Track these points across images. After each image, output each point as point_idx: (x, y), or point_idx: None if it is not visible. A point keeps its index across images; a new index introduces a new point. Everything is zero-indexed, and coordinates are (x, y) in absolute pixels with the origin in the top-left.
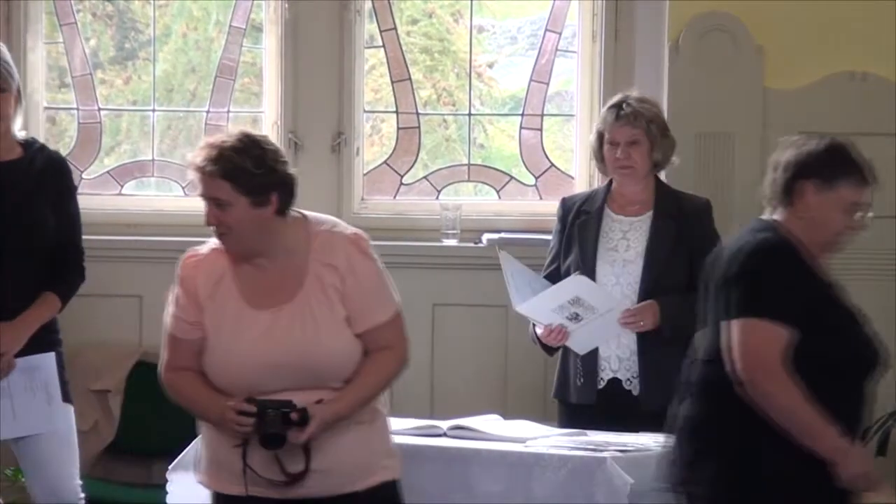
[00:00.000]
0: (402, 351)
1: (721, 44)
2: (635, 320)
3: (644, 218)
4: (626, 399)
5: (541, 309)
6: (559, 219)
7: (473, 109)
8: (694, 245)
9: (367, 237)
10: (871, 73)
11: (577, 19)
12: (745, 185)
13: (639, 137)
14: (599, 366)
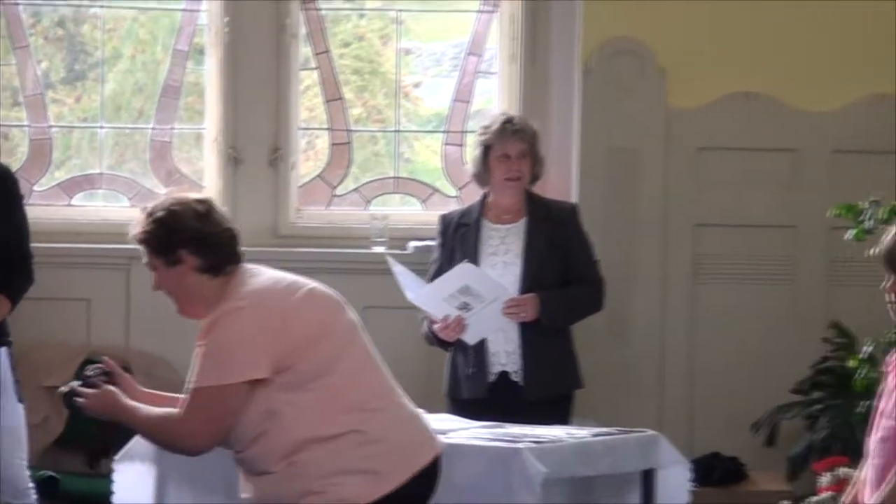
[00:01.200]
0: (183, 426)
1: (628, 66)
2: (517, 311)
3: (519, 224)
4: (512, 390)
5: (432, 299)
6: (440, 233)
7: (401, 126)
8: (565, 246)
9: (235, 313)
10: (762, 93)
11: (496, 43)
12: (651, 197)
13: (526, 151)
14: (489, 361)
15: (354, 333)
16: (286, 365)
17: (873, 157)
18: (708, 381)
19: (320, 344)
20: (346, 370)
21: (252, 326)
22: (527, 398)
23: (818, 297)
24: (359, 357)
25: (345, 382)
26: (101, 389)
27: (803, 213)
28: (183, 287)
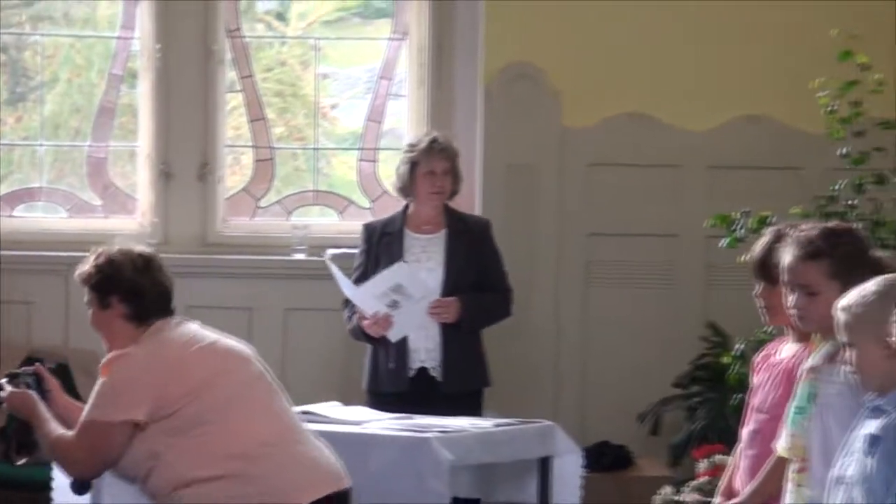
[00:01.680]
0: (70, 452)
1: (526, 89)
2: (441, 311)
3: (439, 235)
4: (431, 385)
5: (366, 296)
6: (364, 240)
7: (319, 144)
8: (480, 257)
9: (128, 357)
10: (647, 114)
11: (406, 68)
12: (547, 209)
13: (449, 169)
14: (410, 357)
15: (253, 385)
16: (167, 412)
17: (745, 172)
18: (599, 377)
19: (206, 394)
20: (234, 419)
21: (139, 372)
22: (444, 392)
23: (696, 300)
24: (252, 407)
25: (230, 430)
26: (22, 391)
27: (683, 223)
28: (110, 329)
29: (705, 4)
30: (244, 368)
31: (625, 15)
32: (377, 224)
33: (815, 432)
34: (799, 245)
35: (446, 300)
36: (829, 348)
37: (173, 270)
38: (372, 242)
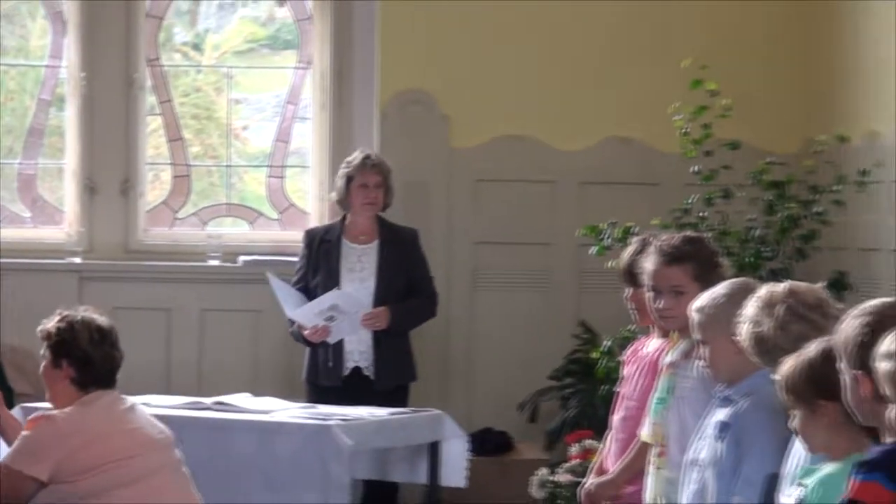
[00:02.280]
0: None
1: (417, 113)
2: (372, 322)
3: (372, 245)
4: (364, 382)
5: (307, 315)
6: (305, 245)
7: (231, 162)
8: (409, 264)
9: (52, 419)
10: (526, 135)
11: (310, 93)
12: (437, 221)
13: (381, 183)
14: (345, 357)
15: (159, 472)
16: (68, 478)
17: (612, 187)
18: (483, 370)
19: (110, 472)
20: (129, 499)
21: (53, 436)
22: (376, 389)
23: (569, 301)
24: (148, 493)
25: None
26: None
27: (558, 233)
28: (54, 386)
29: (579, 39)
30: (156, 456)
31: (507, 46)
32: (317, 231)
33: (672, 421)
34: (663, 252)
35: (377, 311)
36: (685, 346)
37: (99, 275)
38: (312, 248)
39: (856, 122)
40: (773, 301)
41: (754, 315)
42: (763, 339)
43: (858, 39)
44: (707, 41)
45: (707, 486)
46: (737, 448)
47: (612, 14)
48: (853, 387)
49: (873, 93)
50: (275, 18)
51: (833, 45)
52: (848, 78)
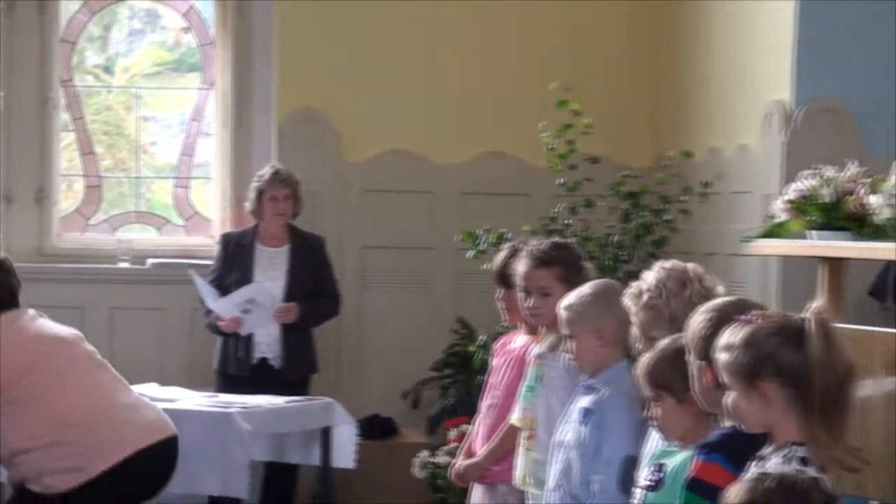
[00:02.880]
0: None
1: (312, 129)
2: (284, 315)
3: (283, 249)
4: (270, 372)
5: (226, 306)
6: (222, 248)
7: (140, 174)
8: (316, 268)
9: None
10: (409, 150)
11: (213, 112)
12: (329, 227)
13: (290, 195)
14: (254, 348)
15: (76, 363)
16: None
17: (487, 197)
18: (371, 362)
19: (31, 376)
20: (59, 394)
21: None
22: (282, 379)
23: (448, 300)
24: (75, 382)
25: (55, 404)
26: None
27: (438, 238)
28: None
29: (458, 64)
30: (69, 351)
31: (394, 69)
32: (233, 235)
33: (541, 407)
34: (533, 256)
35: (288, 305)
36: (552, 340)
37: None
38: (228, 250)
39: (699, 139)
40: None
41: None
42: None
43: (698, 65)
44: (571, 66)
45: (571, 466)
46: (598, 432)
47: (487, 40)
48: (699, 376)
49: (713, 113)
50: (180, 43)
51: (678, 71)
52: (692, 100)
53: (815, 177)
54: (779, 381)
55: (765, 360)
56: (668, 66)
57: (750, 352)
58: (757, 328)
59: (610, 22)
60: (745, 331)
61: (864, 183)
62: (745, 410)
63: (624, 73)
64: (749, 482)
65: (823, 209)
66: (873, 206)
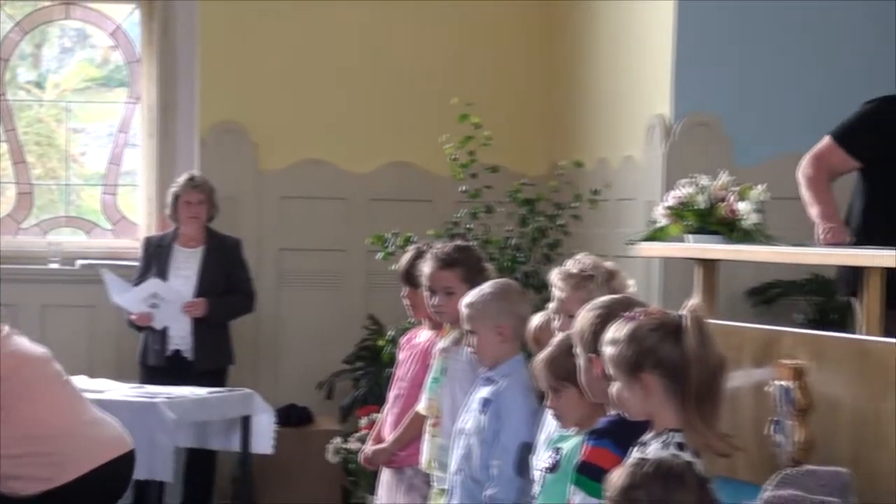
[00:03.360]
0: None
1: (231, 141)
2: (192, 310)
3: (198, 250)
4: (184, 363)
5: (130, 301)
6: (144, 250)
7: (70, 181)
8: (230, 268)
9: None
10: (323, 159)
11: (139, 124)
12: (249, 231)
13: (204, 200)
14: (168, 341)
15: (47, 381)
16: None
17: (395, 203)
18: (288, 356)
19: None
20: (28, 408)
21: None
22: (194, 370)
23: (360, 298)
24: (44, 398)
25: (24, 417)
26: None
27: (350, 241)
28: None
29: (368, 80)
30: (41, 367)
31: (308, 84)
32: (154, 238)
33: (445, 397)
34: (438, 258)
35: (196, 301)
36: (455, 335)
37: None
38: (149, 252)
39: (589, 151)
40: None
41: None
42: None
43: (588, 83)
44: (472, 82)
45: (472, 452)
46: (496, 420)
47: (395, 57)
48: (587, 368)
49: (601, 126)
50: (108, 61)
51: (570, 88)
52: (582, 114)
53: (691, 185)
54: (658, 372)
55: (646, 354)
56: (561, 83)
57: (633, 346)
58: (639, 324)
59: (508, 42)
60: (628, 327)
61: (733, 191)
62: (628, 400)
63: (520, 88)
64: (630, 467)
65: (698, 215)
66: (742, 212)
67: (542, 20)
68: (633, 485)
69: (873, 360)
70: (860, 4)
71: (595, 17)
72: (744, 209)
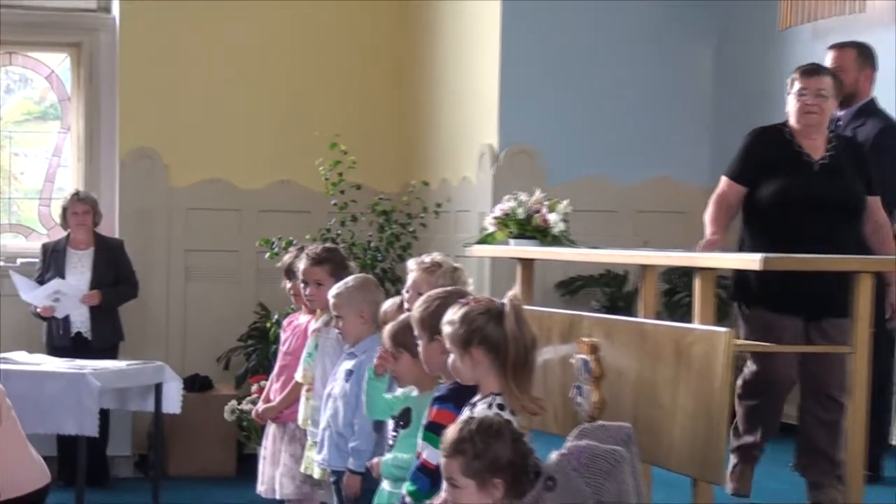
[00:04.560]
0: None
1: (146, 163)
2: (89, 300)
3: (89, 251)
4: (84, 342)
5: (37, 297)
6: (43, 254)
7: (12, 195)
8: (117, 263)
9: None
10: (222, 178)
11: (70, 150)
12: (160, 235)
13: (89, 210)
14: (70, 325)
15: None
16: None
17: (279, 213)
18: (194, 335)
19: None
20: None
21: None
22: (93, 347)
23: (252, 289)
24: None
25: None
26: None
27: (244, 243)
28: None
29: (257, 112)
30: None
31: (210, 116)
32: (50, 244)
33: (317, 368)
34: (310, 257)
35: (91, 293)
36: (325, 318)
37: None
38: (46, 255)
39: (434, 172)
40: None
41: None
42: None
43: (433, 117)
44: (343, 116)
45: (338, 412)
46: (358, 387)
47: (281, 95)
48: (426, 346)
49: (444, 153)
50: (45, 98)
51: (419, 121)
52: (428, 142)
53: (513, 200)
54: (484, 348)
55: (475, 333)
56: (411, 117)
57: (465, 326)
58: (470, 309)
59: (370, 84)
60: (462, 311)
61: (545, 205)
62: (461, 369)
63: (379, 122)
64: (459, 423)
65: (518, 224)
66: (552, 222)
67: (396, 66)
68: (462, 438)
69: (650, 339)
70: (652, 61)
71: (437, 64)
72: (553, 219)
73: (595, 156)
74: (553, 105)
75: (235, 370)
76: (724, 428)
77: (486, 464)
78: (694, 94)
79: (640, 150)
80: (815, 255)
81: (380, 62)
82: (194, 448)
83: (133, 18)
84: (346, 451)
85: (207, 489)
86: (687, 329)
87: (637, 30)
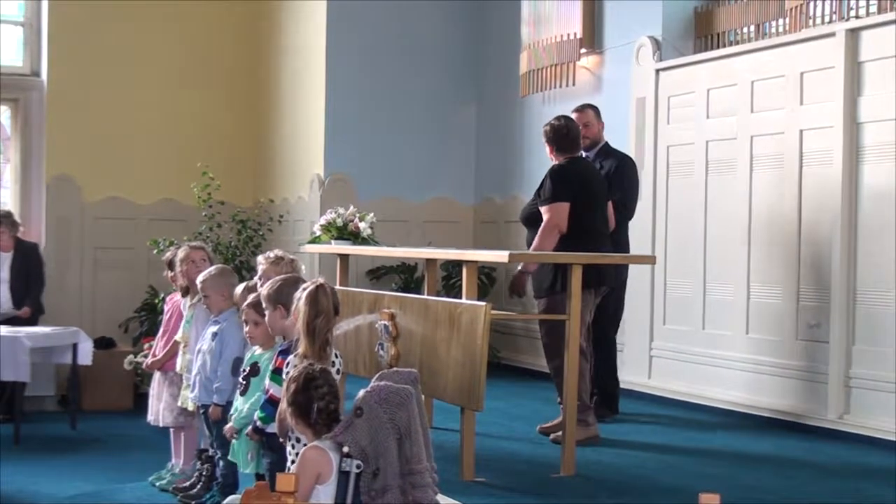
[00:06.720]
0: None
1: (64, 186)
2: (25, 314)
3: (9, 254)
4: (14, 319)
5: None
6: None
7: None
8: (31, 263)
9: None
10: (122, 196)
11: (9, 176)
12: (76, 237)
13: (5, 231)
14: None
15: None
16: None
17: (164, 222)
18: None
19: None
20: None
21: None
22: (21, 322)
23: (144, 276)
24: None
25: None
26: None
27: (138, 243)
28: None
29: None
30: None
31: (112, 148)
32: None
33: (192, 331)
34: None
35: (25, 310)
36: (199, 296)
37: None
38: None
39: (278, 192)
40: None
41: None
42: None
43: (279, 150)
44: (212, 147)
45: (207, 363)
46: (220, 345)
47: (166, 133)
48: (271, 315)
49: (286, 177)
50: None
51: (268, 154)
52: (275, 169)
53: (333, 213)
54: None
55: (288, 297)
56: (263, 150)
57: (282, 292)
58: (286, 281)
59: (231, 123)
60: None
61: (357, 216)
62: (288, 328)
63: (238, 153)
64: (293, 372)
65: (338, 229)
66: (362, 228)
67: (251, 107)
68: (297, 376)
69: (432, 310)
70: (436, 115)
71: (281, 107)
72: (363, 226)
73: (393, 181)
74: (365, 144)
75: (132, 333)
76: (483, 373)
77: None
78: (463, 139)
79: (425, 178)
80: (551, 253)
81: (234, 107)
82: (102, 389)
83: (57, 80)
84: (211, 391)
85: (112, 419)
86: (457, 303)
87: (423, 92)
